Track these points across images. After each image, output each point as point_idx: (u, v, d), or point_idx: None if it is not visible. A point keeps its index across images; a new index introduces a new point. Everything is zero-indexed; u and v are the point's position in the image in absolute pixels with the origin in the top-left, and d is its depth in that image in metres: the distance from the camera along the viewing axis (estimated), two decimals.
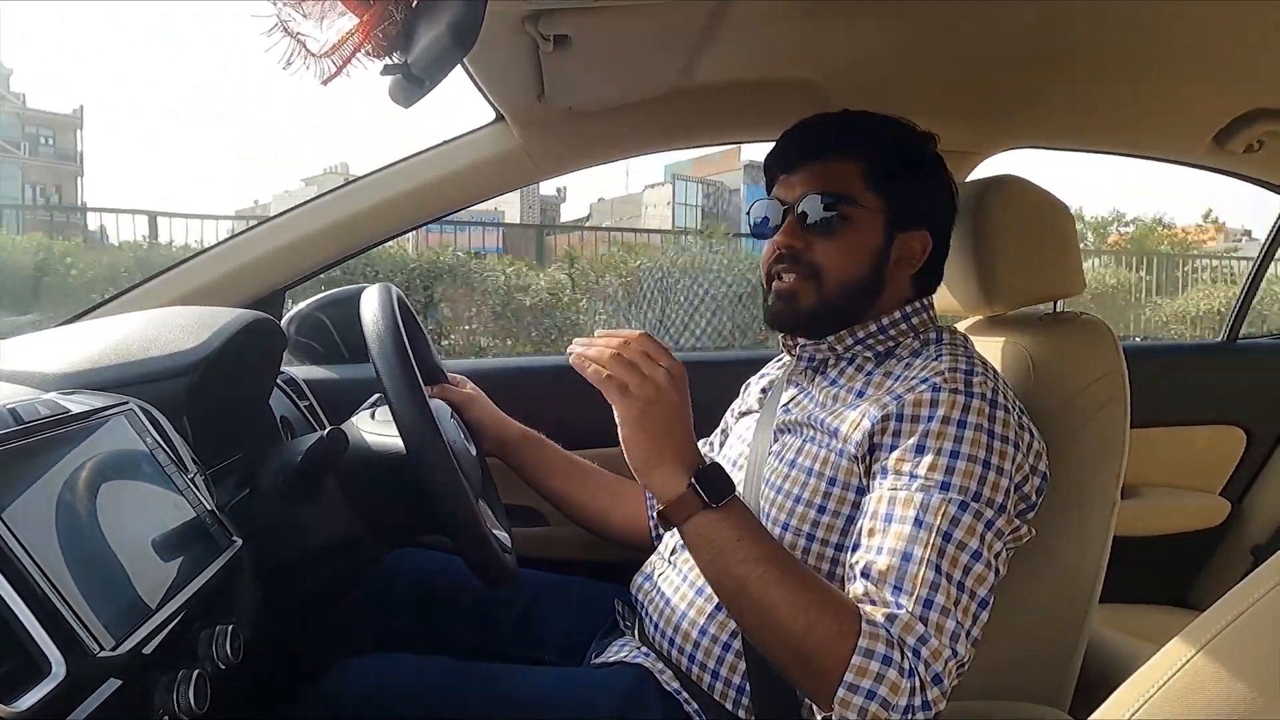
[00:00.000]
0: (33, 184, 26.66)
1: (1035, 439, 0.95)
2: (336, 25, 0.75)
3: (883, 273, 1.02)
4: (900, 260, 1.03)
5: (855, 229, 1.00)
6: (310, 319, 1.50)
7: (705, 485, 0.83)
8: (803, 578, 0.81)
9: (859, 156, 1.00)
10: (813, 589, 0.80)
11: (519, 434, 1.28)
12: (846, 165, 1.00)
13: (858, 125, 1.04)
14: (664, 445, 0.84)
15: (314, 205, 1.43)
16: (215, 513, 0.83)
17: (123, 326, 0.96)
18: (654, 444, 0.83)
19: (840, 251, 1.00)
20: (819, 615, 0.78)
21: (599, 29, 1.04)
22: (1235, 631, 0.48)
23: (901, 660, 0.76)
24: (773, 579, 0.80)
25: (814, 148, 1.03)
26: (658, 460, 0.84)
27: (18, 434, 0.66)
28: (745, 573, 0.80)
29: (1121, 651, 1.38)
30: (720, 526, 0.82)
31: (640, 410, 0.82)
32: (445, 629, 1.16)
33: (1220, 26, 1.17)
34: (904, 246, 1.02)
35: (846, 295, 1.01)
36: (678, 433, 0.84)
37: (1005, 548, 0.89)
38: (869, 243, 1.01)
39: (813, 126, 1.05)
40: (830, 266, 1.00)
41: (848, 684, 0.75)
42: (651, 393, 0.82)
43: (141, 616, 0.66)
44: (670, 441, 0.84)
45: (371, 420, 1.05)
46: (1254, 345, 2.13)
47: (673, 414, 0.84)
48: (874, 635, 0.76)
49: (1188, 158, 1.69)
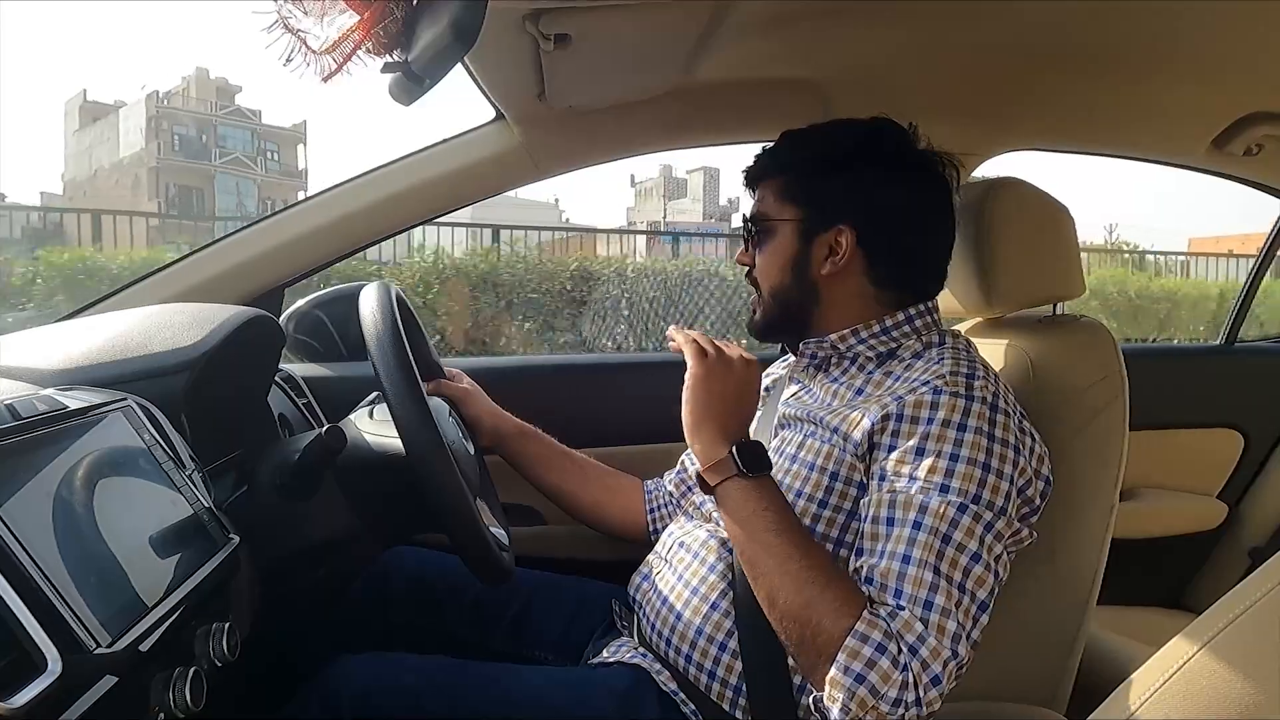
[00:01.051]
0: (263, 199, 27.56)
1: (1036, 443, 0.96)
2: (337, 22, 0.75)
3: (809, 277, 1.04)
4: (828, 259, 1.03)
5: (771, 241, 1.07)
6: (309, 316, 1.50)
7: (743, 455, 0.89)
8: (818, 559, 0.85)
9: (779, 173, 1.08)
10: (825, 570, 0.84)
11: (516, 428, 1.29)
12: (769, 185, 1.08)
13: (783, 145, 1.10)
14: (717, 410, 0.92)
15: (313, 202, 1.43)
16: (213, 510, 0.83)
17: (121, 323, 0.95)
18: (708, 405, 0.92)
19: (764, 264, 1.08)
20: (824, 591, 0.81)
21: (599, 28, 1.04)
22: (1233, 633, 0.48)
23: (897, 653, 0.77)
24: (788, 552, 0.84)
25: (752, 175, 1.11)
26: (708, 421, 0.92)
27: (15, 430, 0.66)
28: (766, 541, 0.86)
29: (1119, 653, 1.38)
30: (750, 495, 0.88)
31: (708, 370, 0.93)
32: (443, 627, 1.16)
33: (1220, 30, 1.17)
34: (828, 246, 1.03)
35: (779, 303, 1.08)
36: (732, 407, 0.94)
37: (1006, 551, 0.89)
38: (784, 251, 1.06)
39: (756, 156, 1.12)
40: (762, 279, 1.09)
41: (839, 664, 0.77)
42: (721, 363, 0.94)
43: (138, 613, 0.66)
44: (724, 409, 0.93)
45: (370, 418, 1.05)
46: (1252, 348, 2.14)
47: (733, 389, 0.94)
48: (872, 623, 0.78)
49: (1186, 160, 1.70)
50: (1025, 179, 1.16)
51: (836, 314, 1.05)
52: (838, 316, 1.05)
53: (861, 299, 1.04)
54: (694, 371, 0.94)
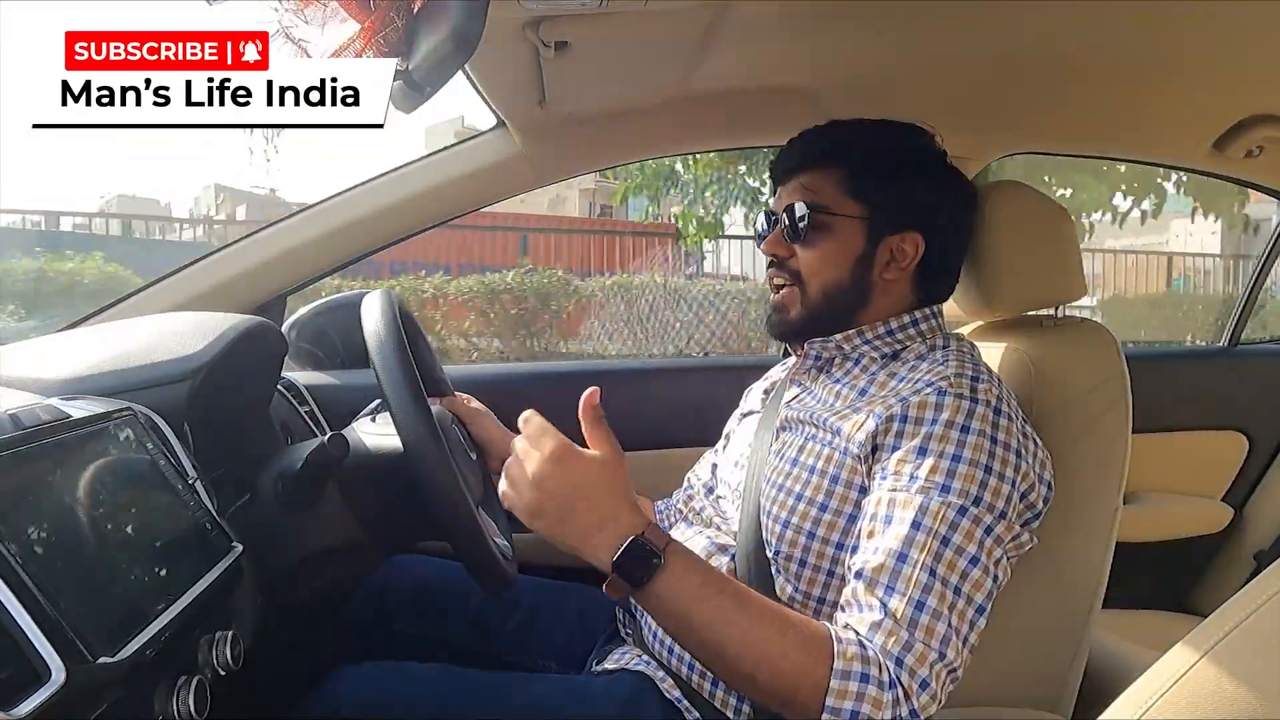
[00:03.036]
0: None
1: (1039, 447, 0.95)
2: (339, 31, 0.75)
3: (869, 278, 1.03)
4: (890, 264, 1.03)
5: (833, 236, 1.02)
6: (311, 325, 1.51)
7: (627, 570, 0.77)
8: (760, 625, 0.78)
9: (839, 164, 1.03)
10: (773, 633, 0.78)
11: None
12: (827, 174, 1.03)
13: (840, 133, 1.06)
14: (571, 536, 0.79)
15: (316, 210, 1.43)
16: (215, 518, 0.83)
17: (124, 332, 0.96)
18: (558, 536, 0.79)
19: (820, 259, 1.03)
20: (782, 658, 0.76)
21: (599, 35, 1.05)
22: (1238, 637, 0.47)
23: (880, 674, 0.75)
24: (728, 637, 0.77)
25: (798, 159, 1.06)
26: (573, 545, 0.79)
27: (19, 439, 0.66)
28: (708, 632, 0.78)
29: (1123, 658, 1.38)
30: (665, 596, 0.78)
31: (526, 515, 0.79)
32: (445, 635, 1.16)
33: (1220, 33, 1.17)
34: (894, 249, 1.02)
35: (829, 301, 1.03)
36: (576, 524, 0.79)
37: (1006, 555, 0.89)
38: (850, 249, 1.02)
39: (800, 139, 1.07)
40: (811, 273, 1.03)
41: (830, 708, 0.75)
42: (526, 501, 0.79)
43: (141, 623, 0.66)
44: (575, 533, 0.79)
45: (372, 426, 1.05)
46: (1255, 350, 2.13)
47: (555, 505, 0.78)
48: (846, 655, 0.76)
49: (1187, 163, 1.70)
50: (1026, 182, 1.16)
51: (874, 315, 1.04)
52: (872, 317, 1.04)
53: (898, 302, 1.05)
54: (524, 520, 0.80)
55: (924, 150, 1.06)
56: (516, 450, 0.81)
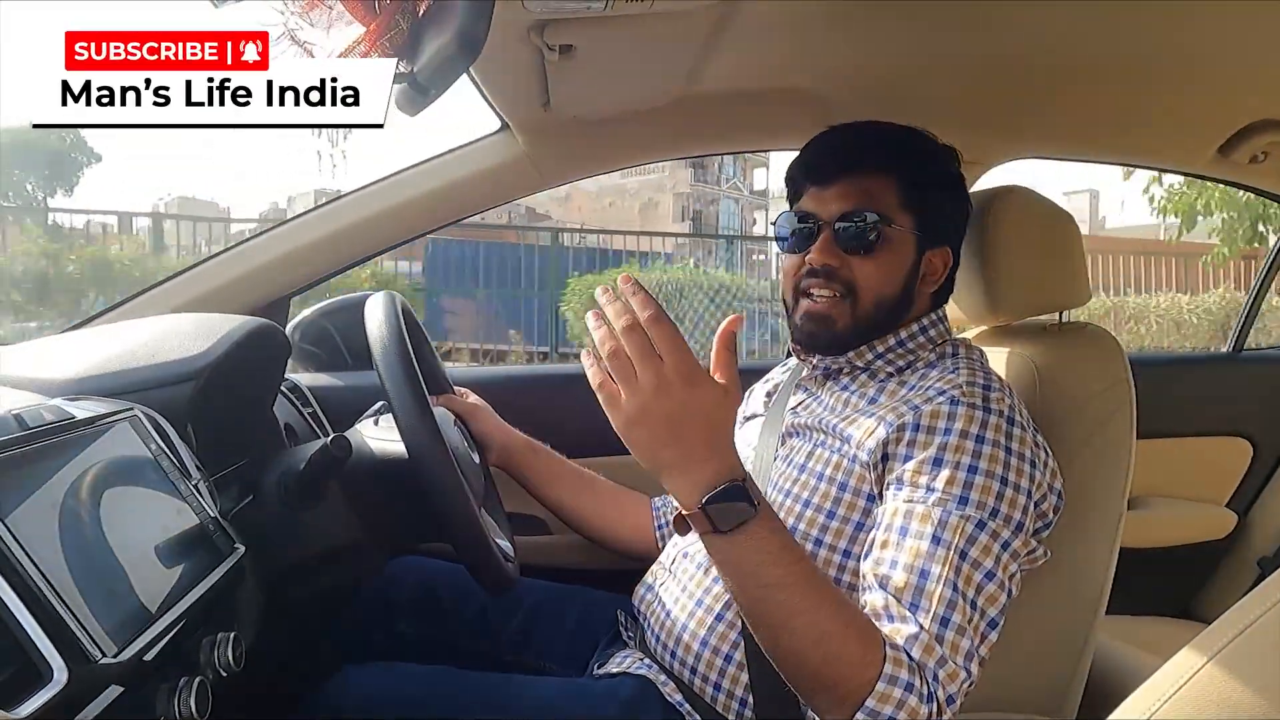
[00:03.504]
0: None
1: (1049, 456, 0.95)
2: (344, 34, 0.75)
3: (912, 291, 1.02)
4: (925, 277, 1.03)
5: (892, 248, 0.99)
6: (315, 326, 1.51)
7: (717, 511, 0.73)
8: (828, 605, 0.76)
9: (895, 172, 0.99)
10: (838, 616, 0.76)
11: (524, 445, 1.27)
12: (883, 180, 0.99)
13: (894, 138, 1.02)
14: (664, 457, 0.74)
15: (319, 212, 1.43)
16: (218, 519, 0.83)
17: (128, 333, 0.96)
18: (651, 456, 0.75)
19: (877, 272, 0.99)
20: (842, 644, 0.75)
21: (604, 38, 1.05)
22: (1242, 644, 0.47)
23: (921, 686, 0.75)
24: (797, 607, 0.75)
25: (850, 161, 1.00)
26: (661, 470, 0.75)
27: (22, 439, 0.66)
28: (768, 597, 0.75)
29: (1127, 663, 1.37)
30: (741, 549, 0.75)
31: (625, 423, 0.74)
32: (447, 637, 1.16)
33: (1226, 37, 1.17)
34: (929, 264, 1.03)
35: (879, 314, 1.00)
36: (679, 446, 0.73)
37: (1020, 569, 0.88)
38: (904, 262, 1.00)
39: (848, 138, 1.03)
40: (868, 286, 0.99)
41: (869, 709, 0.74)
42: (637, 405, 0.73)
43: (143, 623, 0.66)
44: (670, 454, 0.74)
45: (375, 427, 1.05)
46: (1259, 356, 2.13)
47: (667, 425, 0.72)
48: (898, 661, 0.75)
49: (1192, 168, 1.70)
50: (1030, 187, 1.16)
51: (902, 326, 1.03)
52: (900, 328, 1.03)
53: (920, 314, 1.04)
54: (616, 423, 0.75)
55: (954, 163, 1.07)
56: (631, 347, 0.72)
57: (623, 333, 0.73)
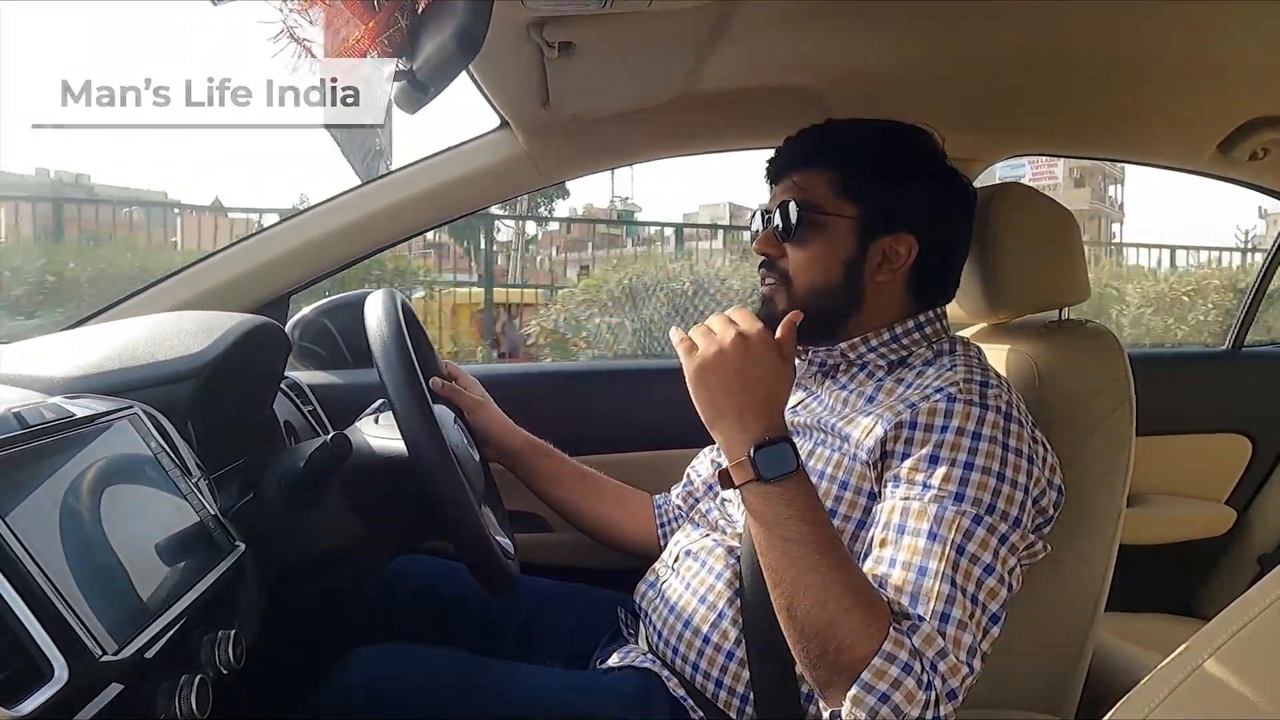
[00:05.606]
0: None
1: (1048, 453, 0.95)
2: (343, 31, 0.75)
3: (860, 280, 1.02)
4: (882, 265, 1.02)
5: (823, 236, 1.01)
6: (315, 324, 1.50)
7: (763, 459, 0.83)
8: (844, 570, 0.80)
9: (832, 165, 1.02)
10: (851, 583, 0.80)
11: (524, 442, 1.28)
12: (819, 174, 1.02)
13: (834, 133, 1.05)
14: (723, 405, 0.85)
15: (320, 210, 1.43)
16: (219, 518, 0.83)
17: (128, 331, 0.96)
18: (712, 402, 0.86)
19: (807, 259, 1.02)
20: (850, 607, 0.77)
21: (603, 36, 1.05)
22: (1242, 640, 0.47)
23: (920, 672, 0.76)
24: (812, 564, 0.79)
25: (791, 159, 1.05)
26: (717, 418, 0.86)
27: (22, 437, 0.66)
28: (788, 550, 0.81)
29: (1127, 660, 1.38)
30: (774, 501, 0.82)
31: (698, 367, 0.86)
32: (448, 635, 1.16)
33: (1225, 34, 1.17)
34: (887, 251, 1.02)
35: (818, 302, 1.01)
36: (741, 396, 0.85)
37: (1019, 563, 0.89)
38: (839, 250, 1.01)
39: (794, 138, 1.07)
40: (798, 273, 1.02)
41: (864, 683, 0.75)
42: (712, 352, 0.86)
43: (144, 621, 0.66)
44: (731, 403, 0.85)
45: (375, 426, 1.05)
46: (1259, 353, 2.13)
47: (735, 376, 0.85)
48: (899, 643, 0.76)
49: (1192, 165, 1.69)
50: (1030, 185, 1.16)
51: (869, 320, 1.03)
52: (869, 322, 1.03)
53: (894, 307, 1.04)
54: (686, 372, 0.88)
55: (920, 151, 1.05)
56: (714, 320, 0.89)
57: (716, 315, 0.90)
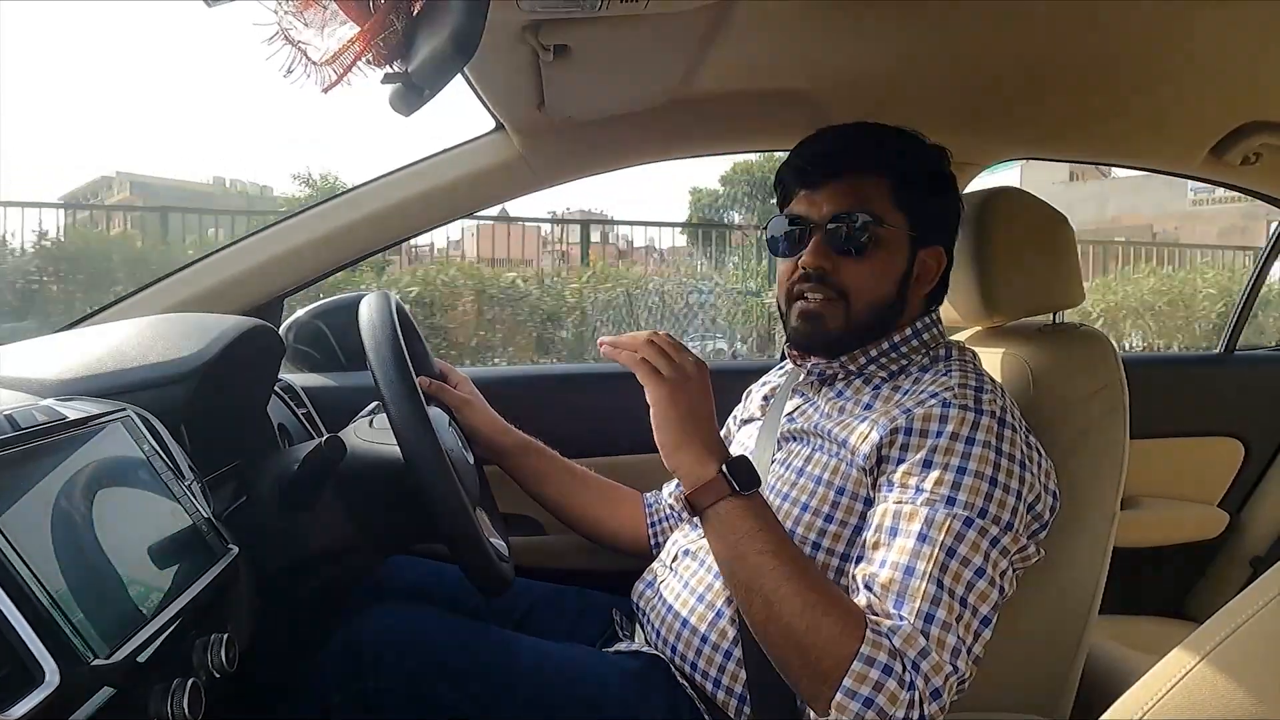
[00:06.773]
0: None
1: (1042, 457, 0.95)
2: (337, 34, 0.75)
3: (905, 292, 1.02)
4: (919, 278, 1.03)
5: (884, 249, 0.98)
6: (308, 326, 1.50)
7: (735, 473, 0.86)
8: (815, 577, 0.83)
9: (886, 172, 0.99)
10: (823, 590, 0.81)
11: (516, 442, 1.28)
12: (875, 182, 0.99)
13: (883, 139, 1.02)
14: (692, 428, 0.88)
15: (313, 212, 1.43)
16: (211, 520, 0.83)
17: (121, 333, 0.95)
18: (683, 425, 0.88)
19: (870, 273, 0.99)
20: (825, 615, 0.78)
21: (598, 39, 1.05)
22: (1235, 643, 0.47)
23: (902, 672, 0.76)
24: (786, 573, 0.81)
25: (840, 163, 1.00)
26: (687, 442, 0.87)
27: (14, 440, 0.66)
28: (761, 563, 0.82)
29: (1120, 663, 1.38)
30: (745, 515, 0.85)
31: (671, 390, 0.88)
32: None
33: (1218, 39, 1.17)
34: (923, 264, 1.02)
35: (872, 316, 1.00)
36: (704, 419, 0.89)
37: (1012, 567, 0.89)
38: (897, 263, 1.00)
39: (837, 140, 1.02)
40: (860, 289, 0.98)
41: (846, 689, 0.75)
42: (680, 376, 0.89)
43: (136, 624, 0.65)
44: (698, 426, 0.88)
45: (369, 428, 1.05)
46: (1251, 357, 2.14)
47: (700, 400, 0.89)
48: (877, 644, 0.77)
49: (1185, 169, 1.70)
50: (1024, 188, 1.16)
51: (896, 329, 1.03)
52: (894, 331, 1.03)
53: (911, 319, 1.04)
54: (655, 396, 0.88)
55: (945, 164, 1.06)
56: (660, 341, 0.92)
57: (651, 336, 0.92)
